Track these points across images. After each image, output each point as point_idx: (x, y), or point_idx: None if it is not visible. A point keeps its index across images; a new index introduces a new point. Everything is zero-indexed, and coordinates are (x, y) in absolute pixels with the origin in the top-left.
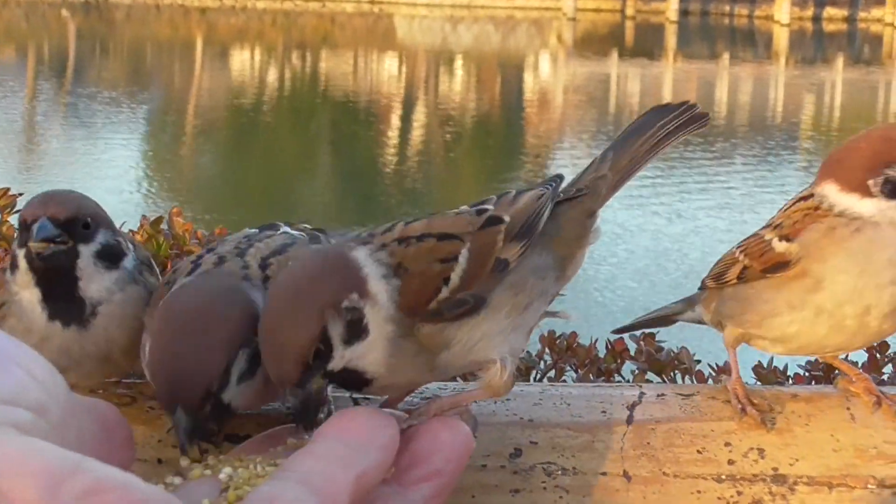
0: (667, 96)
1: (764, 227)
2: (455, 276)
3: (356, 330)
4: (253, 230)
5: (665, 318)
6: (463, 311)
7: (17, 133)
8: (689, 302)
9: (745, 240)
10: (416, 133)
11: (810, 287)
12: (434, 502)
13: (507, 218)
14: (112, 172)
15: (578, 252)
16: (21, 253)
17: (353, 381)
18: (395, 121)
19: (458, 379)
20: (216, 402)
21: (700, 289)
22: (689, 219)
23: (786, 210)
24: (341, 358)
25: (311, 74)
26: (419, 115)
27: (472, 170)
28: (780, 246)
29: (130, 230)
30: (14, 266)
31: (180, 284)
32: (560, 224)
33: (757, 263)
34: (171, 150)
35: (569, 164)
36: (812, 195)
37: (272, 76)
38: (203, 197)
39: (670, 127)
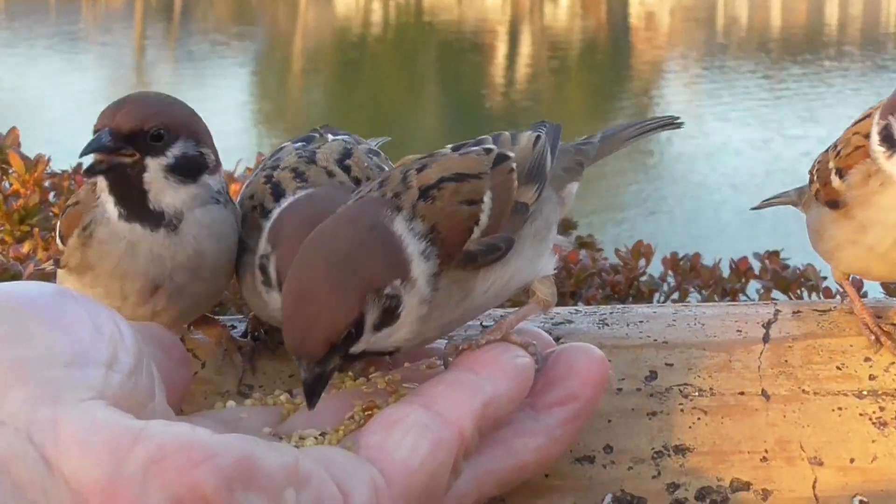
0: (776, 15)
1: (831, 147)
2: (484, 217)
3: (390, 317)
4: (296, 143)
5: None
6: (497, 257)
7: (129, 76)
8: (800, 193)
9: (828, 149)
10: (523, 61)
11: (858, 229)
12: (570, 427)
13: (512, 155)
14: (223, 110)
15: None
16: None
17: (372, 355)
18: (502, 49)
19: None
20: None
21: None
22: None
23: (848, 132)
24: (365, 342)
25: (415, 6)
26: (525, 43)
27: (581, 96)
28: (835, 181)
29: (247, 167)
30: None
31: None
32: (559, 165)
33: (823, 192)
34: (281, 87)
35: (677, 85)
36: (869, 118)
37: (377, 8)
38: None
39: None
